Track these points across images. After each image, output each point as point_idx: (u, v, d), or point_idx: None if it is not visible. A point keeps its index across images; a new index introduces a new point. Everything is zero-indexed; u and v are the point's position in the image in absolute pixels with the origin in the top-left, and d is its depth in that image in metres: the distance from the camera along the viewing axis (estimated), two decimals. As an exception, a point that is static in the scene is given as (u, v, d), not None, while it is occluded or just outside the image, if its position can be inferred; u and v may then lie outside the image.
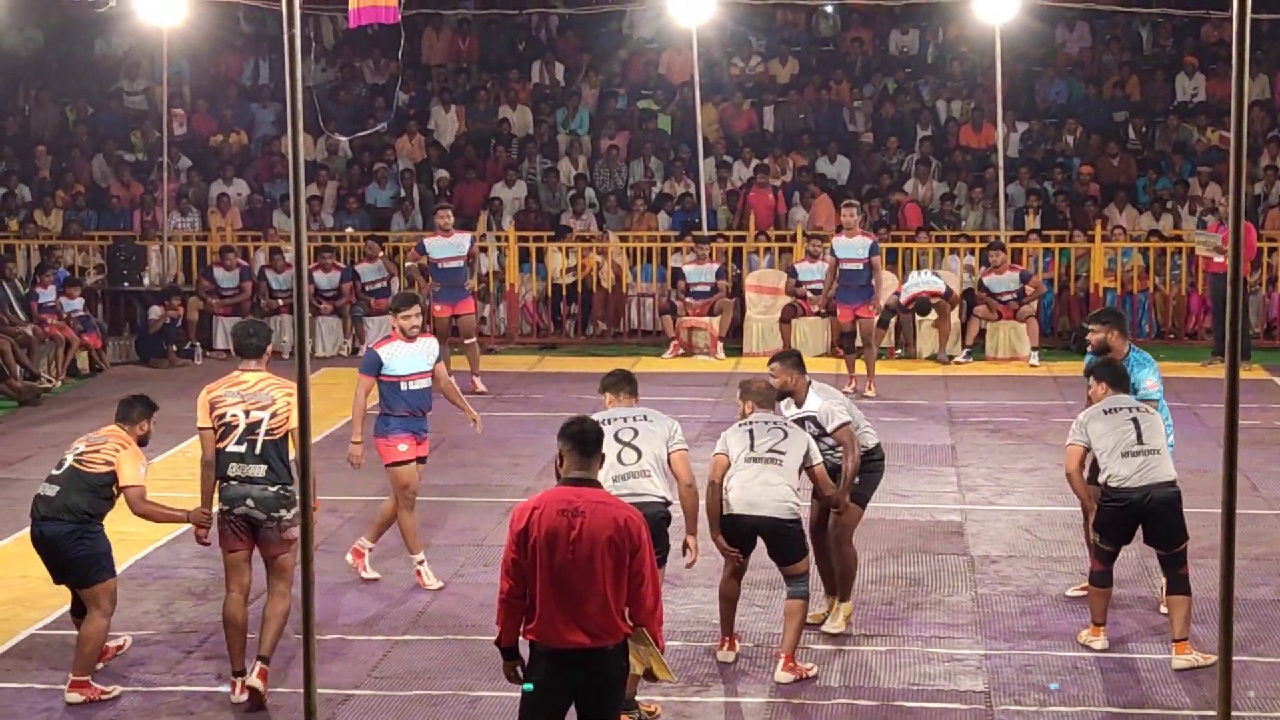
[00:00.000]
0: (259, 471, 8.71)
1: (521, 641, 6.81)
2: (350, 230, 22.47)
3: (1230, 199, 6.43)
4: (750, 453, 9.06)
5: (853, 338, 17.45)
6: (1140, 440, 9.27)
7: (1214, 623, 7.85)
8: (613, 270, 21.49)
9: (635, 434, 8.79)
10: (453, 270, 17.74)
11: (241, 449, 8.74)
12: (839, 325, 17.65)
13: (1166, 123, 24.14)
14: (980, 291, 19.93)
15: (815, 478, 9.23)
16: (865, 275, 17.17)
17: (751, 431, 9.16)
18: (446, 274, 17.75)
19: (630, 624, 6.75)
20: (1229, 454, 6.54)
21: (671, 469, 8.90)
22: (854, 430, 9.56)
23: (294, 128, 6.80)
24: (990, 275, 19.81)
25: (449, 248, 17.71)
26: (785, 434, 9.15)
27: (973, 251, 21.08)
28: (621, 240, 21.88)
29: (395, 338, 10.91)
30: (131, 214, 23.44)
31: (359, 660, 9.46)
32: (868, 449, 9.74)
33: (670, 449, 8.88)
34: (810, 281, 19.38)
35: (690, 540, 8.95)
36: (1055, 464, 12.35)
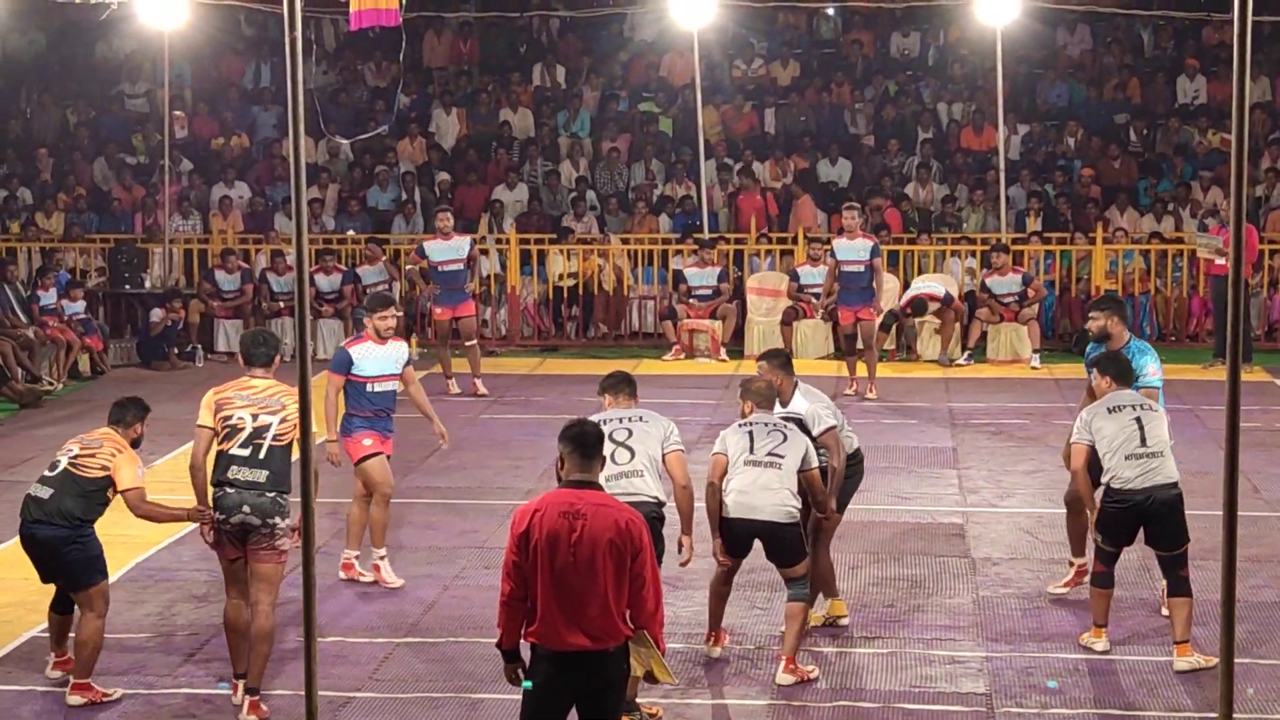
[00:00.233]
0: (260, 476, 8.60)
1: (522, 644, 6.82)
2: (351, 233, 22.47)
3: (1231, 201, 6.44)
4: (749, 455, 9.06)
5: (854, 340, 17.45)
6: (1144, 443, 9.27)
7: (1215, 625, 7.85)
8: (614, 273, 21.50)
9: (630, 434, 8.80)
10: (453, 273, 17.74)
11: (245, 452, 8.66)
12: (840, 328, 17.65)
13: (1168, 125, 24.14)
14: (982, 293, 19.93)
15: (809, 481, 9.21)
16: (866, 278, 17.17)
17: (751, 433, 9.15)
18: (446, 277, 17.75)
19: (631, 626, 6.75)
20: (1230, 456, 6.54)
21: (667, 470, 8.90)
22: (839, 434, 9.56)
23: (295, 130, 6.80)
24: (993, 277, 19.82)
25: (449, 251, 17.71)
26: (785, 437, 9.14)
27: (974, 254, 21.08)
28: (623, 243, 21.89)
29: (367, 338, 10.91)
30: (133, 217, 23.45)
31: (360, 663, 9.46)
32: (848, 453, 9.73)
33: (666, 450, 8.88)
34: (811, 285, 19.38)
35: (684, 540, 8.95)
36: (1056, 466, 12.35)
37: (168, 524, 10.13)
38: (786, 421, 9.33)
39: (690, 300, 20.32)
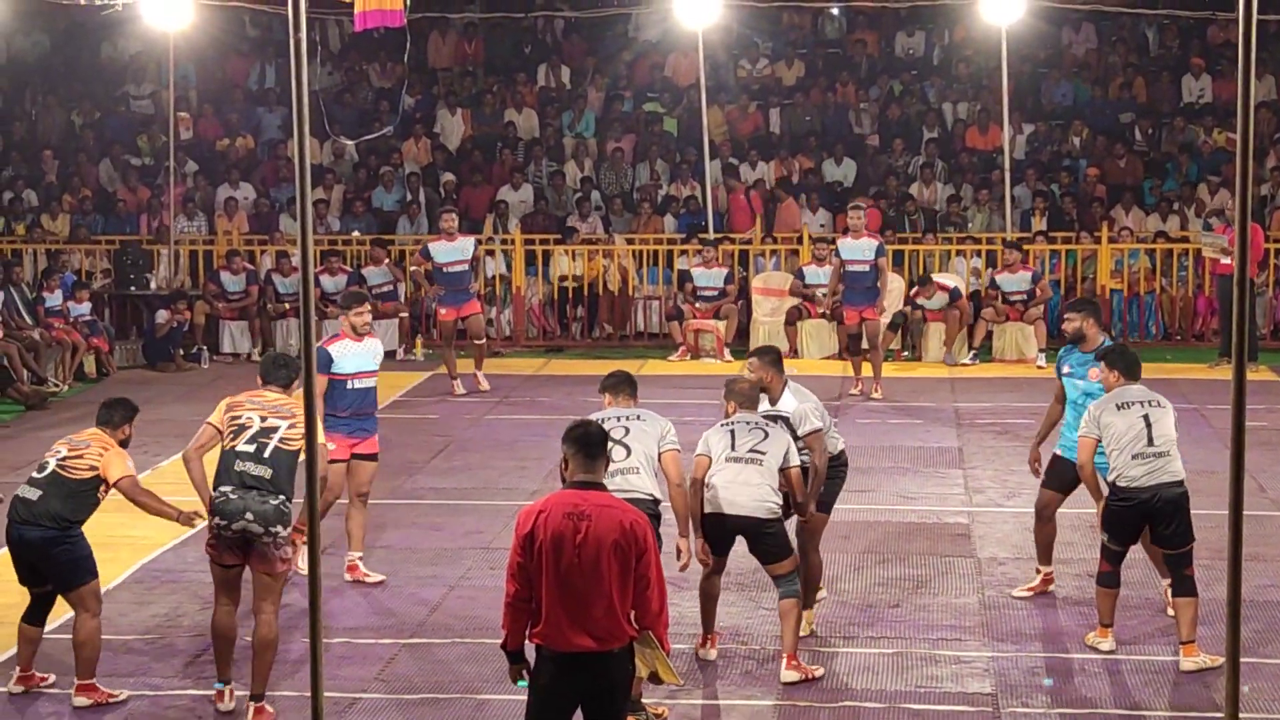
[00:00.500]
0: (265, 473, 8.53)
1: (528, 645, 6.82)
2: (356, 234, 22.48)
3: (1236, 200, 6.42)
4: (731, 452, 9.06)
5: (859, 340, 17.45)
6: (1151, 442, 9.26)
7: (1221, 624, 7.84)
8: (619, 273, 21.50)
9: (627, 432, 8.80)
10: (458, 274, 17.75)
11: (250, 448, 8.60)
12: (845, 328, 17.65)
13: (1173, 124, 24.12)
14: (991, 290, 19.92)
15: (790, 480, 9.20)
16: (872, 277, 17.16)
17: (733, 432, 9.15)
18: (451, 278, 17.76)
19: (636, 627, 6.75)
20: (1236, 455, 6.52)
21: (663, 469, 8.89)
22: (824, 436, 9.55)
23: (300, 131, 6.79)
24: (1003, 273, 19.81)
25: (453, 252, 17.72)
26: (766, 434, 9.14)
27: (979, 254, 21.06)
28: (628, 243, 21.89)
29: (344, 336, 10.93)
30: (138, 218, 23.47)
31: (366, 663, 9.46)
32: (833, 454, 9.72)
33: (662, 449, 8.88)
34: (817, 285, 19.38)
35: (681, 544, 8.95)
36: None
37: (168, 524, 10.10)
38: (771, 419, 9.34)
39: (696, 300, 20.31)
